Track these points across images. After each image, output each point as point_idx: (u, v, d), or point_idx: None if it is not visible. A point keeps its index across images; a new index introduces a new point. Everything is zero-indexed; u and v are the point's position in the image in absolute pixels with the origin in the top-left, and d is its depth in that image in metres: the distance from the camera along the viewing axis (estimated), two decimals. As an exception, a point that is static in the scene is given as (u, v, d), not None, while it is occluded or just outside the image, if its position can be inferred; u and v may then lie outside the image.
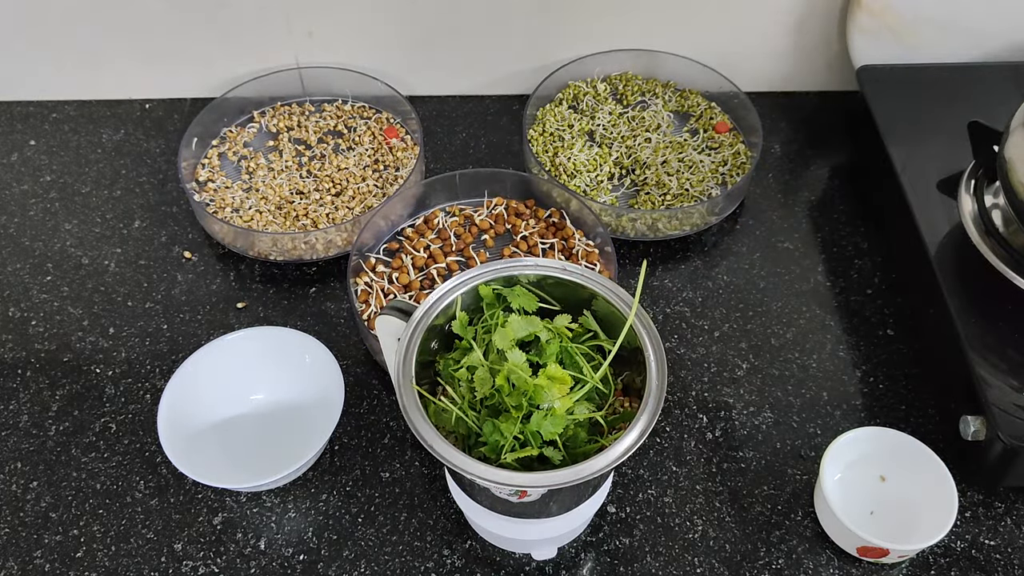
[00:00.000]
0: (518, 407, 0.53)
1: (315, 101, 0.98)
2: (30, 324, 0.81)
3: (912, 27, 0.88)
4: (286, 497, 0.70)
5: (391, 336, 0.57)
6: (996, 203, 0.75)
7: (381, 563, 0.67)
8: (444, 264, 0.81)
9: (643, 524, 0.69)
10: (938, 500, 0.65)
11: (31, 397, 0.76)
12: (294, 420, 0.73)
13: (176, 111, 0.99)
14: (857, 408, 0.75)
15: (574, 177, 0.88)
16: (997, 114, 0.75)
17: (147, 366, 0.78)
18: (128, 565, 0.67)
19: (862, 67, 0.90)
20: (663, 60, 0.96)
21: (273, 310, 0.82)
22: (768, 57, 0.97)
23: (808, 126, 0.98)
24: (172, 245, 0.87)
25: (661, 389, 0.53)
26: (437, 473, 0.71)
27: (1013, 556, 0.67)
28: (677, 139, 0.92)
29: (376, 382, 0.77)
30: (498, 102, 1.00)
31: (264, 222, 0.86)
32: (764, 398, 0.76)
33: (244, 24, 0.93)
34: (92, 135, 0.97)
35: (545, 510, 0.60)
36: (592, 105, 0.95)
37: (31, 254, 0.87)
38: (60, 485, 0.71)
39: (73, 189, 0.92)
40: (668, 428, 0.74)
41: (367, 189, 0.89)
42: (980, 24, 0.89)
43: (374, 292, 0.79)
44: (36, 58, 0.97)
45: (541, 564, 0.67)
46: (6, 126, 0.98)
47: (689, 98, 0.96)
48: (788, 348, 0.79)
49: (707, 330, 0.80)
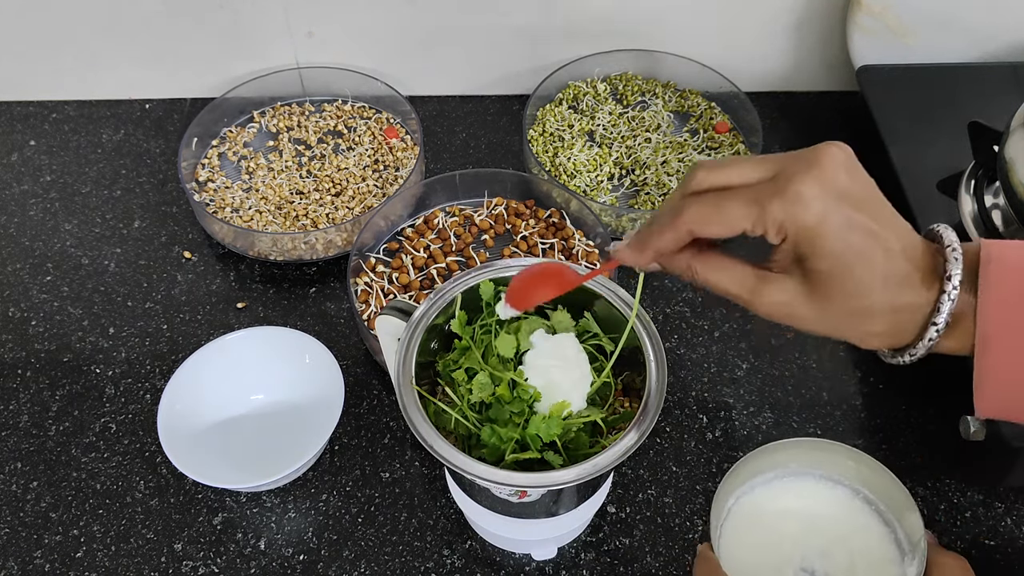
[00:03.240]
0: (520, 413, 0.53)
1: (315, 101, 0.98)
2: (30, 324, 0.81)
3: (912, 27, 0.88)
4: (286, 497, 0.70)
5: (391, 336, 0.57)
6: (996, 203, 0.75)
7: (381, 563, 0.67)
8: (444, 264, 0.81)
9: (643, 524, 0.69)
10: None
11: (31, 397, 0.76)
12: (294, 420, 0.73)
13: (176, 111, 0.99)
14: (857, 408, 0.75)
15: (574, 177, 0.88)
16: (997, 114, 0.75)
17: (147, 366, 0.78)
18: (128, 565, 0.67)
19: (862, 67, 0.90)
20: (663, 60, 0.96)
21: (273, 310, 0.82)
22: (768, 57, 0.97)
23: (808, 126, 0.98)
24: (172, 245, 0.87)
25: (661, 389, 0.53)
26: (437, 473, 0.71)
27: (1013, 556, 0.67)
28: (677, 139, 0.92)
29: (376, 382, 0.77)
30: (498, 102, 1.00)
31: (264, 222, 0.86)
32: (764, 398, 0.76)
33: (244, 24, 0.93)
34: (92, 135, 0.97)
35: (545, 510, 0.60)
36: (592, 105, 0.95)
37: (31, 254, 0.87)
38: (60, 485, 0.71)
39: (73, 189, 0.92)
40: (668, 428, 0.74)
41: (367, 189, 0.89)
42: (980, 24, 0.89)
43: (374, 292, 0.79)
44: (36, 58, 0.97)
45: (541, 564, 0.67)
46: (6, 126, 0.98)
47: (689, 98, 0.96)
48: (788, 348, 0.79)
49: (707, 330, 0.80)
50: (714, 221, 0.44)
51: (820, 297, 0.45)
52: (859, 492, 0.60)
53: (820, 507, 0.61)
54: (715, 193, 0.45)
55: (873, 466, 0.59)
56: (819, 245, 0.43)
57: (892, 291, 0.44)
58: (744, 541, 0.59)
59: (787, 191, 0.42)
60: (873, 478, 0.59)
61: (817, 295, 0.45)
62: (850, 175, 0.43)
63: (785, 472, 0.61)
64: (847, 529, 0.59)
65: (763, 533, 0.60)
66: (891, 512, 0.59)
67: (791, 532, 0.60)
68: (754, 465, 0.60)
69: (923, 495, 0.70)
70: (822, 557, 0.58)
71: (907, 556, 0.57)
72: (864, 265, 0.43)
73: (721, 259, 0.47)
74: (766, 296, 0.46)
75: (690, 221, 0.45)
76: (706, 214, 0.44)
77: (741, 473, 0.59)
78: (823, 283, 0.44)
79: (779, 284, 0.46)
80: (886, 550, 0.58)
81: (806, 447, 0.60)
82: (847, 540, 0.59)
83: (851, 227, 0.43)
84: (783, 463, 0.61)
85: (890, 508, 0.59)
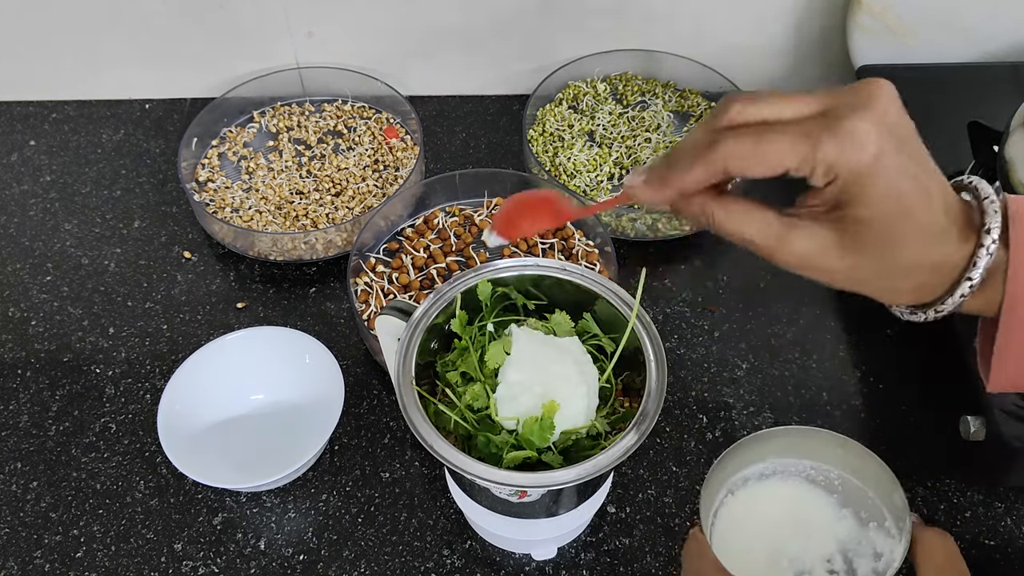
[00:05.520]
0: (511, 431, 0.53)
1: (315, 101, 0.98)
2: (30, 324, 0.81)
3: (912, 27, 0.88)
4: (286, 497, 0.70)
5: (391, 336, 0.57)
6: (996, 203, 0.75)
7: (381, 563, 0.67)
8: (444, 264, 0.81)
9: (643, 524, 0.69)
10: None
11: (31, 397, 0.76)
12: (294, 420, 0.73)
13: (176, 111, 0.99)
14: (857, 408, 0.75)
15: (574, 177, 0.88)
16: (997, 114, 0.75)
17: (147, 366, 0.78)
18: (128, 565, 0.67)
19: (862, 67, 0.90)
20: (663, 60, 0.96)
21: (273, 310, 0.82)
22: (768, 57, 0.97)
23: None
24: (172, 245, 0.87)
25: (661, 389, 0.53)
26: (437, 473, 0.71)
27: (1013, 556, 0.67)
28: (677, 139, 0.92)
29: (376, 382, 0.77)
30: (498, 102, 1.00)
31: (264, 222, 0.86)
32: (764, 398, 0.76)
33: (244, 24, 0.93)
34: (92, 135, 0.97)
35: (545, 510, 0.60)
36: (592, 105, 0.95)
37: (31, 254, 0.87)
38: (60, 485, 0.71)
39: (73, 189, 0.92)
40: (668, 428, 0.74)
41: (367, 189, 0.89)
42: (980, 24, 0.89)
43: (374, 292, 0.79)
44: (36, 58, 0.97)
45: (541, 564, 0.67)
46: (6, 126, 0.98)
47: (689, 98, 0.96)
48: (788, 348, 0.79)
49: (707, 330, 0.80)
50: (755, 157, 0.40)
51: (854, 248, 0.41)
52: (845, 495, 0.61)
53: (809, 509, 0.61)
54: (755, 127, 0.40)
55: (859, 451, 0.59)
56: (868, 190, 0.39)
57: (930, 245, 0.41)
58: (737, 532, 0.60)
59: (841, 128, 0.38)
60: (859, 463, 0.60)
61: (851, 246, 0.41)
62: (900, 115, 0.40)
63: (775, 465, 0.61)
64: (835, 528, 0.60)
65: (758, 528, 0.60)
66: (878, 496, 0.59)
67: (784, 529, 0.60)
68: (742, 454, 0.60)
69: (923, 495, 0.70)
70: (811, 552, 0.59)
71: (893, 538, 0.58)
72: (907, 216, 0.40)
73: (742, 203, 0.43)
74: (794, 244, 0.41)
75: (727, 156, 0.40)
76: (746, 149, 0.40)
77: (728, 464, 0.60)
78: (861, 233, 0.40)
79: (808, 231, 0.41)
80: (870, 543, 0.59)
81: (794, 435, 0.61)
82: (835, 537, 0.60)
83: (902, 173, 0.39)
84: (774, 451, 0.61)
85: (877, 492, 0.59)
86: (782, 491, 0.62)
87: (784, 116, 0.40)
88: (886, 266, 0.42)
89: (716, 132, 0.40)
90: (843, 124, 0.38)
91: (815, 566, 0.59)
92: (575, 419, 0.53)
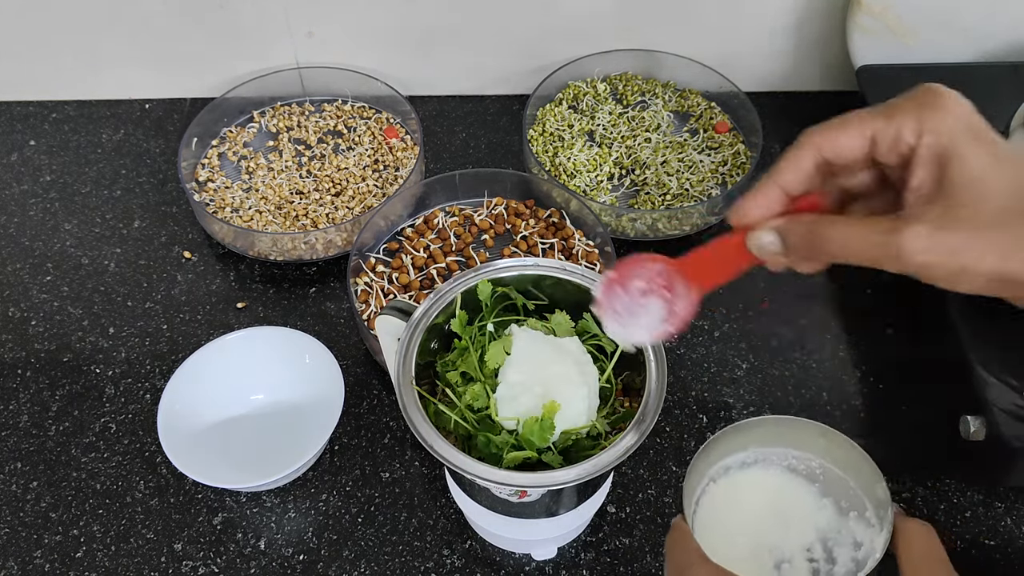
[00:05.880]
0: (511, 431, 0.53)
1: (315, 101, 0.98)
2: (30, 324, 0.81)
3: (912, 27, 0.88)
4: (286, 497, 0.70)
5: (391, 336, 0.57)
6: (996, 203, 0.75)
7: (381, 563, 0.67)
8: (444, 264, 0.81)
9: (643, 524, 0.69)
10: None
11: (31, 397, 0.76)
12: (294, 420, 0.73)
13: (176, 111, 1.00)
14: (857, 408, 0.75)
15: (574, 177, 0.88)
16: (997, 114, 0.75)
17: (147, 366, 0.78)
18: (128, 565, 0.67)
19: (862, 67, 0.90)
20: (663, 60, 0.96)
21: (273, 310, 0.82)
22: (768, 57, 0.97)
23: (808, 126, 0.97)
24: (172, 245, 0.87)
25: (661, 389, 0.53)
26: (437, 473, 0.71)
27: (1013, 556, 0.67)
28: (677, 139, 0.92)
29: (376, 382, 0.77)
30: (498, 102, 1.00)
31: (264, 222, 0.86)
32: (764, 398, 0.76)
33: (244, 24, 0.93)
34: (92, 135, 0.97)
35: (545, 510, 0.60)
36: (592, 105, 0.95)
37: (31, 254, 0.87)
38: (60, 485, 0.71)
39: (73, 189, 0.92)
40: (668, 428, 0.74)
41: (367, 189, 0.89)
42: (980, 24, 0.89)
43: (374, 292, 0.79)
44: (36, 58, 0.97)
45: (541, 564, 0.67)
46: (6, 126, 0.98)
47: (689, 98, 0.96)
48: (788, 348, 0.79)
49: (707, 330, 0.80)
50: (842, 129, 0.40)
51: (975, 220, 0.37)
52: (826, 484, 0.61)
53: (789, 498, 0.61)
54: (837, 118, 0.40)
55: (841, 442, 0.59)
56: (966, 147, 0.38)
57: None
58: (719, 521, 0.60)
59: (916, 98, 0.39)
60: (841, 453, 0.60)
61: (970, 218, 0.37)
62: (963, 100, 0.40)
63: (757, 454, 0.61)
64: (815, 517, 0.60)
65: (739, 517, 0.60)
66: (859, 486, 0.59)
67: (765, 517, 0.60)
68: (725, 443, 0.60)
69: (923, 495, 0.70)
70: (790, 540, 0.59)
71: (873, 527, 0.58)
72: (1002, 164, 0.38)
73: (842, 216, 0.41)
74: (916, 242, 0.37)
75: (814, 132, 0.40)
76: (832, 125, 0.40)
77: (711, 453, 0.60)
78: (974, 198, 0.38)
79: (921, 223, 0.38)
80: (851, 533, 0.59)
81: (776, 424, 0.61)
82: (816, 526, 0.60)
83: (985, 128, 0.39)
84: (756, 440, 0.61)
85: (858, 482, 0.59)
86: (763, 480, 0.62)
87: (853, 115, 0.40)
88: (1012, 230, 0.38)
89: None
90: (919, 97, 0.40)
91: (795, 555, 0.59)
92: (575, 419, 0.53)
